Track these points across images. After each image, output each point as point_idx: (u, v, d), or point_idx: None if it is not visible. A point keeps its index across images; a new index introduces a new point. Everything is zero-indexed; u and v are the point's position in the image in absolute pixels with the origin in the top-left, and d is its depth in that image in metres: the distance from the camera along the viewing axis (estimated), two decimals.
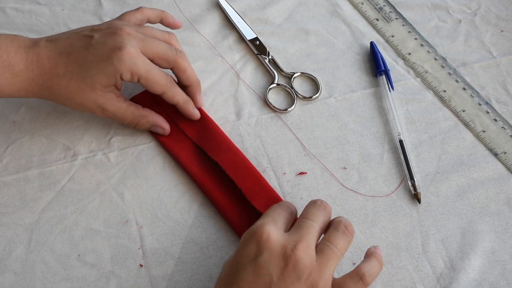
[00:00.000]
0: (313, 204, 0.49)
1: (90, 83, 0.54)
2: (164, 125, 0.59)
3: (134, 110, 0.57)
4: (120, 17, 0.59)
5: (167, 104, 0.59)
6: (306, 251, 0.44)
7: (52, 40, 0.55)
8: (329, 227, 0.48)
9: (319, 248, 0.45)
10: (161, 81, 0.56)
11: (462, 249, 0.54)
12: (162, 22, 0.62)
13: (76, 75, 0.54)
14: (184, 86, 0.59)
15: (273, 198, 0.55)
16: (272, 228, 0.45)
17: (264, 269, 0.43)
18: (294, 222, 0.49)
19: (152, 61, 0.55)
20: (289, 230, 0.47)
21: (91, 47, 0.54)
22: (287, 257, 0.43)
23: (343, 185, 0.58)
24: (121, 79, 0.54)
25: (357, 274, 0.45)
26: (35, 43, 0.55)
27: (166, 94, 0.57)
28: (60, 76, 0.54)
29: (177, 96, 0.58)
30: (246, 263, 0.44)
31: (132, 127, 0.59)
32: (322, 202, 0.49)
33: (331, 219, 0.49)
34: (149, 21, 0.61)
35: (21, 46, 0.54)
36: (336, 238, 0.46)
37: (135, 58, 0.53)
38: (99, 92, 0.54)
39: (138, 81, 0.55)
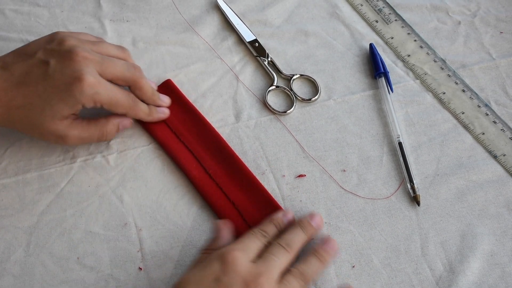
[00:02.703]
0: (278, 245, 0.50)
1: (50, 114, 0.52)
2: (126, 120, 0.59)
3: (95, 123, 0.57)
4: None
5: (176, 106, 0.60)
6: (269, 282, 0.46)
7: (6, 67, 0.53)
8: (304, 258, 0.50)
9: (280, 285, 0.47)
10: (124, 103, 0.56)
11: (461, 251, 0.54)
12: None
13: (35, 107, 0.52)
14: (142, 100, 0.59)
15: (269, 208, 0.55)
16: (240, 255, 0.47)
17: None
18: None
19: (110, 81, 0.55)
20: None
21: (49, 77, 0.52)
22: (248, 284, 0.45)
23: (342, 188, 0.58)
24: (83, 107, 0.53)
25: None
26: None
27: (129, 114, 0.57)
28: (19, 108, 0.52)
29: (140, 113, 0.58)
30: (209, 282, 0.45)
31: (103, 141, 0.59)
32: (289, 245, 0.50)
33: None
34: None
35: None
36: (292, 282, 0.48)
37: (96, 87, 0.52)
38: (57, 121, 0.53)
39: (101, 106, 0.54)
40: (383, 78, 0.64)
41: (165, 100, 0.61)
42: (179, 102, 0.62)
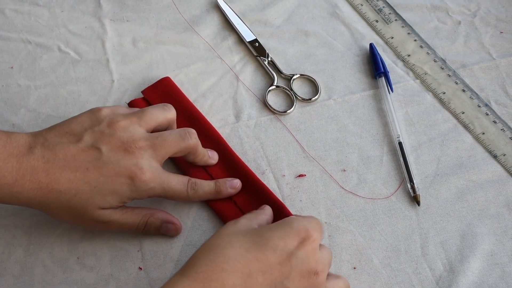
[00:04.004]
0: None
1: (99, 203, 0.49)
2: (174, 220, 0.54)
3: (139, 211, 0.53)
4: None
5: (175, 105, 0.59)
6: (323, 279, 0.46)
7: (49, 147, 0.49)
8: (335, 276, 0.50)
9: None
10: (181, 194, 0.53)
11: (461, 251, 0.54)
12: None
13: (82, 193, 0.48)
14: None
15: (272, 206, 0.55)
16: (318, 238, 0.46)
17: (288, 264, 0.44)
18: None
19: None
20: None
21: (103, 166, 0.49)
22: (312, 273, 0.45)
23: (342, 188, 0.58)
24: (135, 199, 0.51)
25: None
26: (30, 149, 0.48)
27: (190, 198, 0.54)
28: (60, 193, 0.48)
29: (203, 197, 0.55)
30: (278, 248, 0.44)
31: (140, 233, 0.54)
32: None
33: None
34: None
35: (13, 153, 0.47)
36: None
37: (152, 183, 0.50)
38: (103, 210, 0.50)
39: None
40: (383, 78, 0.64)
41: (215, 157, 0.58)
42: (178, 100, 0.61)
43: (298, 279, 0.44)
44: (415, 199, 0.57)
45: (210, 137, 0.59)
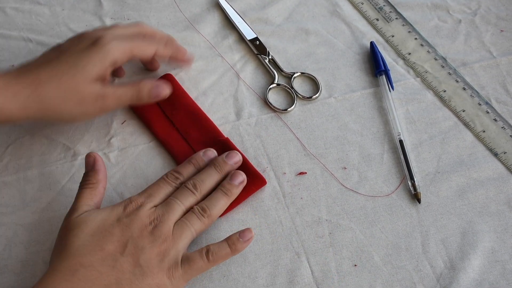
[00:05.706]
0: (185, 188, 0.53)
1: (82, 76, 0.53)
2: (160, 87, 0.59)
3: (128, 82, 0.58)
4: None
5: (176, 101, 0.61)
6: (166, 223, 0.50)
7: (31, 64, 0.55)
8: (211, 194, 0.54)
9: (178, 223, 0.51)
10: (151, 43, 0.58)
11: (462, 249, 0.54)
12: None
13: (65, 74, 0.53)
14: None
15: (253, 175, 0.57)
16: (143, 202, 0.51)
17: (129, 229, 0.49)
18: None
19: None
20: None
21: (70, 48, 0.55)
22: (146, 226, 0.50)
23: (343, 185, 0.58)
24: (114, 63, 0.55)
25: (203, 250, 0.51)
26: (16, 70, 0.54)
27: (159, 51, 0.59)
28: (46, 82, 0.52)
29: (168, 50, 0.60)
30: (111, 221, 0.49)
31: (139, 102, 0.58)
32: (196, 186, 0.54)
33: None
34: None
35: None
36: (192, 219, 0.52)
37: (117, 38, 0.55)
38: (92, 83, 0.54)
39: (131, 57, 0.56)
40: (383, 76, 0.64)
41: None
42: (179, 97, 0.62)
43: (141, 234, 0.49)
44: (415, 197, 0.57)
45: (211, 134, 0.59)
